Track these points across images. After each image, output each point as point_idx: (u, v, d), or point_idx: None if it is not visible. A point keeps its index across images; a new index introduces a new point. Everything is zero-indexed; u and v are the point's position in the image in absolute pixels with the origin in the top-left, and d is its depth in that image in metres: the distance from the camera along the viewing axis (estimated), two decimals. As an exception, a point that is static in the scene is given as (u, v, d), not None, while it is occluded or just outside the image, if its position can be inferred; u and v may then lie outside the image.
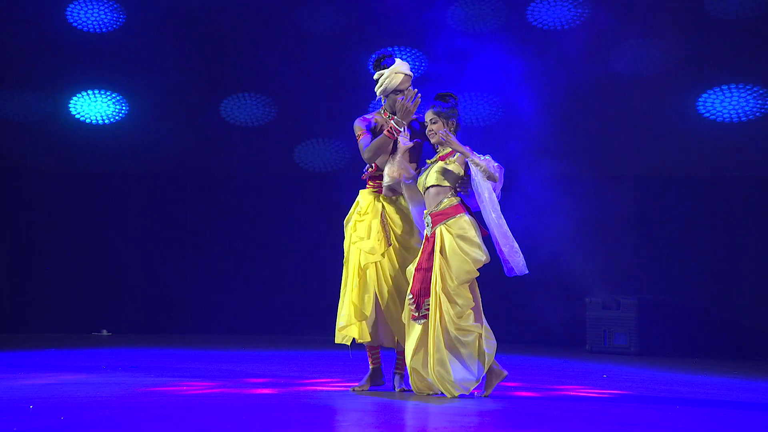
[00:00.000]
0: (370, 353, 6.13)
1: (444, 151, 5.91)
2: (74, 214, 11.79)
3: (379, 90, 6.08)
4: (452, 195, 5.82)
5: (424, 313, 5.69)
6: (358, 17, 11.39)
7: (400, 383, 6.05)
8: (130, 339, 10.53)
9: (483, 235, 5.79)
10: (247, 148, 11.83)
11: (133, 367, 7.41)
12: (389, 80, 6.02)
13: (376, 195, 6.09)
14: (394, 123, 5.94)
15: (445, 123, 5.88)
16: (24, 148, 11.75)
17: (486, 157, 5.77)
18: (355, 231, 6.05)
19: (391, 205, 6.07)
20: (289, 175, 11.81)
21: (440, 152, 5.93)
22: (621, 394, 6.10)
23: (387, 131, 5.94)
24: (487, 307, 5.83)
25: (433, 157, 5.95)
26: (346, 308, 5.97)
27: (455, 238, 5.72)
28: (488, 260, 5.72)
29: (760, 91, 10.21)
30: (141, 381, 6.32)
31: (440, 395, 5.70)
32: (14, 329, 11.14)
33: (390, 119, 6.04)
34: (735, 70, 10.30)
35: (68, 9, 11.66)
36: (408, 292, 5.81)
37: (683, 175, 10.57)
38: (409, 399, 5.65)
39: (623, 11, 10.58)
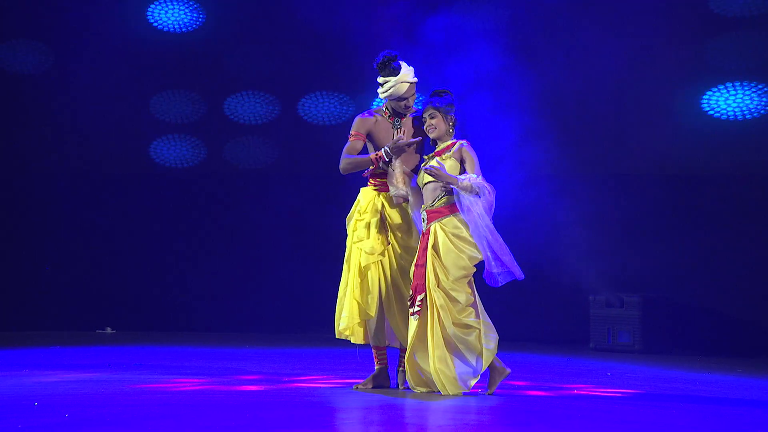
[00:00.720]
0: (376, 353, 6.11)
1: (442, 146, 5.92)
2: (81, 212, 11.79)
3: (383, 95, 6.07)
4: (449, 192, 5.81)
5: (417, 309, 5.70)
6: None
7: (403, 380, 6.05)
8: (134, 336, 10.54)
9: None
10: (248, 146, 11.85)
11: (137, 365, 7.42)
12: (395, 89, 6.01)
13: (377, 193, 6.09)
14: (384, 153, 5.95)
15: (443, 118, 5.89)
16: (24, 147, 11.78)
17: (477, 178, 5.74)
18: (355, 230, 6.06)
19: (392, 204, 6.07)
20: (288, 172, 11.81)
21: (438, 147, 5.94)
22: (625, 392, 6.09)
23: (374, 157, 5.96)
24: (490, 305, 5.83)
25: (431, 152, 5.97)
26: (349, 307, 5.97)
27: (449, 236, 5.73)
28: (483, 258, 5.73)
29: (764, 89, 10.18)
30: (147, 378, 6.33)
31: (437, 393, 5.68)
32: (19, 327, 11.16)
33: (390, 119, 6.05)
34: (740, 67, 10.28)
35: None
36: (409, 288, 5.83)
37: (688, 173, 10.54)
38: (412, 397, 5.65)
39: (625, 8, 10.56)
